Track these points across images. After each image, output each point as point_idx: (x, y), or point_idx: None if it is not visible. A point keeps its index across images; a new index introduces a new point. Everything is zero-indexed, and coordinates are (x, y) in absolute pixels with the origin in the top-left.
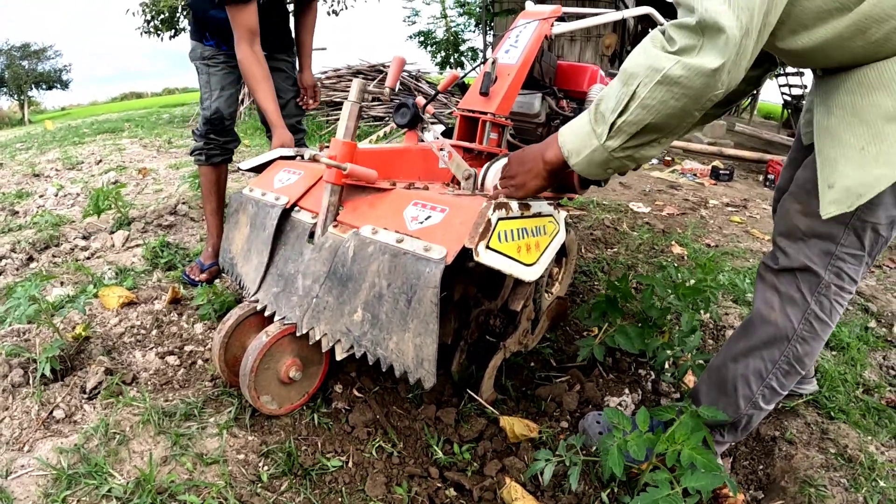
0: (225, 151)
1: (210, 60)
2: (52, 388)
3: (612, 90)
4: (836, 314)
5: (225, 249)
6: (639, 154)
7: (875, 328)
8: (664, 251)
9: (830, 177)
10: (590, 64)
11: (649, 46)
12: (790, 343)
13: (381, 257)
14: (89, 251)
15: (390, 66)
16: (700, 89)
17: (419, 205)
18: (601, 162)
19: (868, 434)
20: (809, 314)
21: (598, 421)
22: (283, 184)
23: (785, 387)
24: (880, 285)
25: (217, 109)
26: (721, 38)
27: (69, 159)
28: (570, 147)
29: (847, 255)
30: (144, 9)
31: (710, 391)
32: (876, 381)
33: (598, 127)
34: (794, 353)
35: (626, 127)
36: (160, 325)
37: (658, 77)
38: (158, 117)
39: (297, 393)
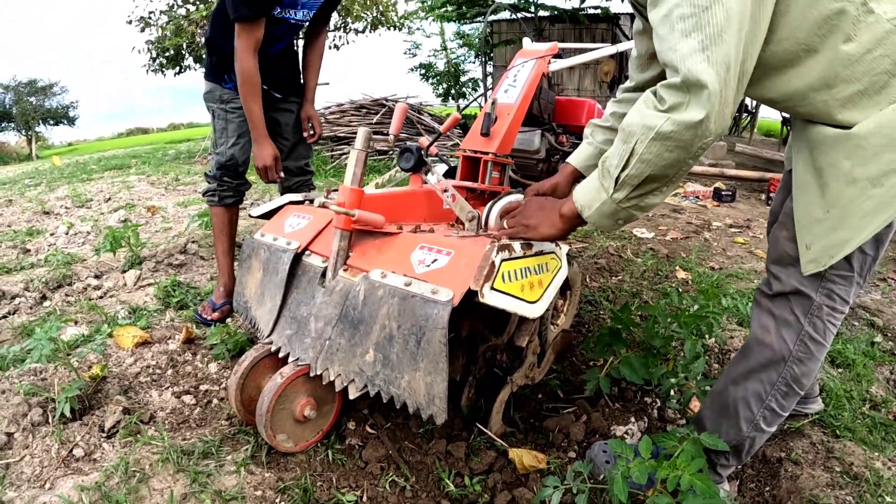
0: (237, 193)
1: (229, 105)
2: (72, 427)
3: (615, 148)
4: (829, 334)
5: (239, 293)
6: (644, 203)
7: (881, 342)
8: (668, 277)
9: (806, 238)
10: (587, 98)
11: (643, 107)
12: (787, 364)
13: (391, 300)
14: (102, 290)
15: (394, 115)
16: (690, 140)
17: (425, 248)
18: (611, 213)
19: (875, 450)
20: (804, 335)
21: (604, 450)
22: (293, 228)
23: (785, 408)
24: (885, 298)
25: (232, 156)
26: (704, 93)
27: (78, 197)
28: (582, 202)
29: (837, 276)
30: (150, 47)
31: (713, 415)
32: (883, 395)
33: (606, 182)
34: (791, 373)
35: (629, 180)
36: (175, 364)
37: (652, 134)
38: (165, 153)
39: (312, 431)
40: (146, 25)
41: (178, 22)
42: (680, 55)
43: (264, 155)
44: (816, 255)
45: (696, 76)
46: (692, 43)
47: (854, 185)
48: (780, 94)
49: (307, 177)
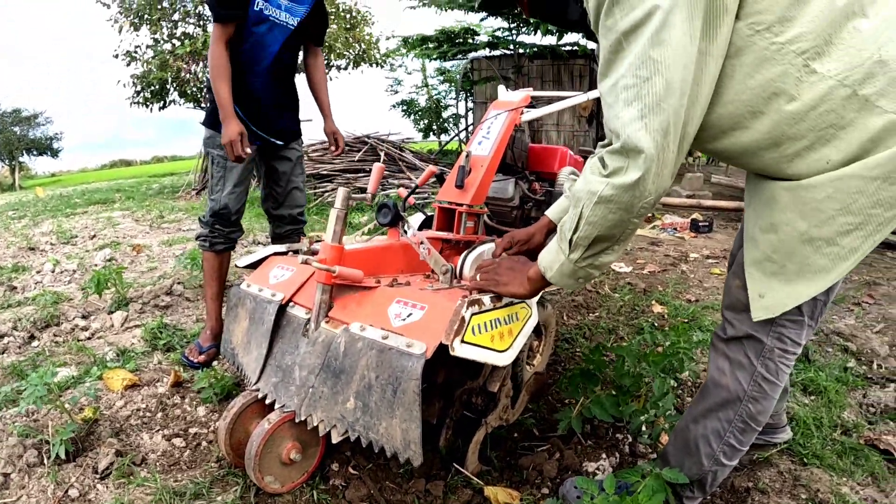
0: (228, 241)
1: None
2: (66, 469)
3: (569, 214)
4: (782, 374)
5: (226, 340)
6: (598, 262)
7: (854, 367)
8: (645, 311)
9: (759, 288)
10: (559, 146)
11: (588, 173)
12: (742, 404)
13: (370, 352)
14: (90, 331)
15: (372, 174)
16: (629, 202)
17: (402, 302)
18: (570, 272)
19: (843, 475)
20: (757, 376)
21: (575, 486)
22: (277, 280)
23: (743, 443)
24: (859, 323)
25: (226, 206)
26: (641, 157)
27: (63, 233)
28: (545, 264)
29: (787, 321)
30: (135, 81)
31: (677, 451)
32: (854, 420)
33: (563, 244)
34: (746, 412)
35: (580, 241)
36: (164, 407)
37: (595, 198)
38: (149, 187)
39: (298, 472)
40: (132, 59)
41: (163, 57)
42: (621, 122)
43: (229, 132)
44: (769, 304)
45: (634, 142)
46: (632, 111)
47: (810, 244)
48: (730, 153)
49: (299, 226)
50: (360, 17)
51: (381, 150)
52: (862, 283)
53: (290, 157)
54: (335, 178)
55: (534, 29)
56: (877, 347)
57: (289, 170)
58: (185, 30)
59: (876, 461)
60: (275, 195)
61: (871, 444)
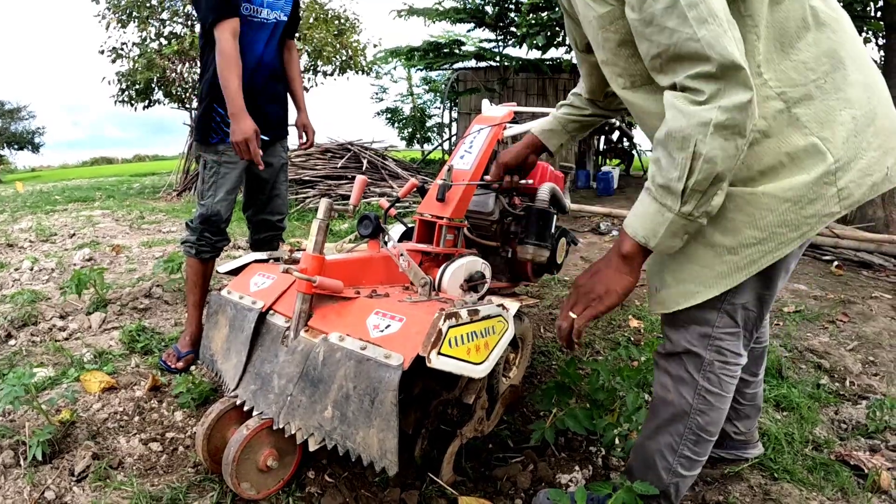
0: (214, 250)
1: (222, 157)
2: (43, 470)
3: (665, 163)
4: (726, 385)
5: (205, 346)
6: (710, 206)
7: (827, 384)
8: (622, 326)
9: (656, 281)
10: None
11: (681, 107)
12: (690, 417)
13: (348, 363)
14: (67, 331)
15: (354, 186)
16: (743, 123)
17: (380, 314)
18: (680, 229)
19: (814, 490)
20: (700, 389)
21: (548, 498)
22: (258, 287)
23: (699, 454)
24: (833, 340)
25: (217, 212)
26: (741, 74)
27: (42, 231)
28: (644, 233)
29: (724, 334)
30: (120, 78)
31: (639, 466)
32: (826, 436)
33: (667, 199)
34: (696, 424)
35: (697, 186)
36: (141, 411)
37: (710, 129)
38: (129, 187)
39: (274, 479)
40: (118, 57)
41: (150, 56)
42: (705, 42)
43: (244, 128)
44: (663, 299)
45: (731, 58)
46: (714, 28)
47: (712, 249)
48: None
49: (278, 232)
50: (348, 24)
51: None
52: (836, 301)
53: (274, 164)
54: (317, 184)
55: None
56: (850, 365)
57: (272, 176)
58: (173, 29)
59: (846, 476)
60: (257, 201)
61: (842, 460)
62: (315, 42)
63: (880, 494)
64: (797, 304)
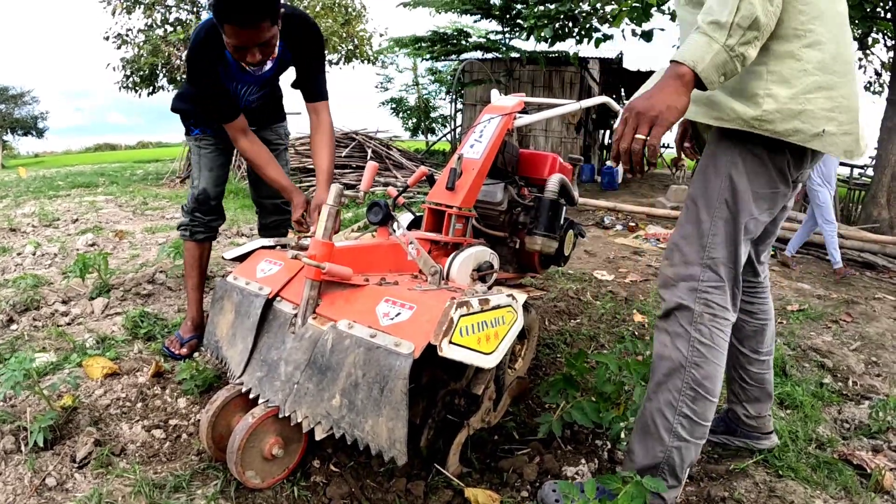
0: (209, 230)
1: (201, 143)
2: (44, 457)
3: (716, 5)
4: (717, 338)
5: (210, 332)
6: (747, 52)
7: (830, 383)
8: (626, 320)
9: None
10: (549, 153)
11: None
12: (686, 370)
13: (357, 350)
14: (69, 316)
15: (365, 171)
16: None
17: (390, 301)
18: (722, 62)
19: (818, 488)
20: (693, 341)
21: (553, 490)
22: (265, 274)
23: (698, 413)
24: (836, 340)
25: (203, 189)
26: None
27: (46, 215)
28: (693, 58)
29: (710, 287)
30: (125, 65)
31: (639, 437)
32: (829, 435)
33: (716, 33)
34: (692, 377)
35: (741, 21)
36: (144, 398)
37: None
38: (133, 173)
39: (279, 468)
40: (123, 43)
41: (155, 42)
42: None
43: (294, 206)
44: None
45: None
46: None
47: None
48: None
49: (285, 216)
50: (354, 12)
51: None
52: (840, 301)
53: (270, 139)
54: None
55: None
56: (853, 365)
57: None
58: (179, 16)
59: (849, 476)
60: (260, 184)
61: (845, 459)
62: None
63: (883, 495)
64: (801, 303)
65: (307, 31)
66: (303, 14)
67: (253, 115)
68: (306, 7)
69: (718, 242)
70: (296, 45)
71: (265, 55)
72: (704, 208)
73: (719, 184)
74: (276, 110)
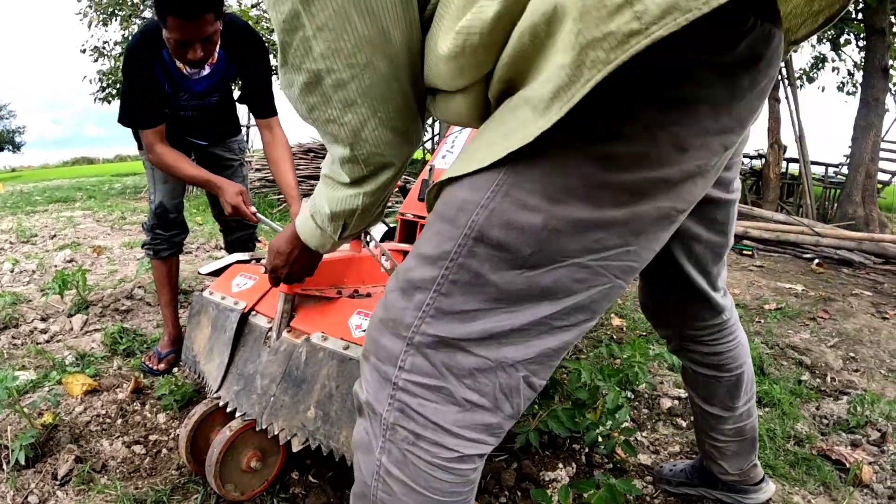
0: (172, 245)
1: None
2: (25, 475)
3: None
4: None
5: (188, 347)
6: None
7: (808, 380)
8: (604, 324)
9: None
10: None
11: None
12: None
13: (331, 362)
14: (48, 334)
15: None
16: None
17: (363, 314)
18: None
19: (796, 485)
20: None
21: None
22: (240, 288)
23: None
24: (814, 337)
25: (160, 203)
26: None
27: (23, 232)
28: (304, 236)
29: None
30: (102, 77)
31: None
32: (807, 431)
33: (324, 223)
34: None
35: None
36: (124, 414)
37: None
38: (111, 187)
39: (258, 480)
40: (100, 55)
41: None
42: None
43: (226, 196)
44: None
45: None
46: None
47: None
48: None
49: (250, 230)
50: None
51: None
52: (817, 298)
53: (226, 163)
54: (300, 185)
55: None
56: (830, 361)
57: (223, 176)
58: None
59: (828, 471)
60: (216, 201)
61: (824, 455)
62: None
63: (861, 488)
64: (778, 302)
65: (250, 40)
66: (246, 24)
67: (198, 128)
68: None
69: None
70: (239, 56)
71: (207, 52)
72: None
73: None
74: (226, 124)
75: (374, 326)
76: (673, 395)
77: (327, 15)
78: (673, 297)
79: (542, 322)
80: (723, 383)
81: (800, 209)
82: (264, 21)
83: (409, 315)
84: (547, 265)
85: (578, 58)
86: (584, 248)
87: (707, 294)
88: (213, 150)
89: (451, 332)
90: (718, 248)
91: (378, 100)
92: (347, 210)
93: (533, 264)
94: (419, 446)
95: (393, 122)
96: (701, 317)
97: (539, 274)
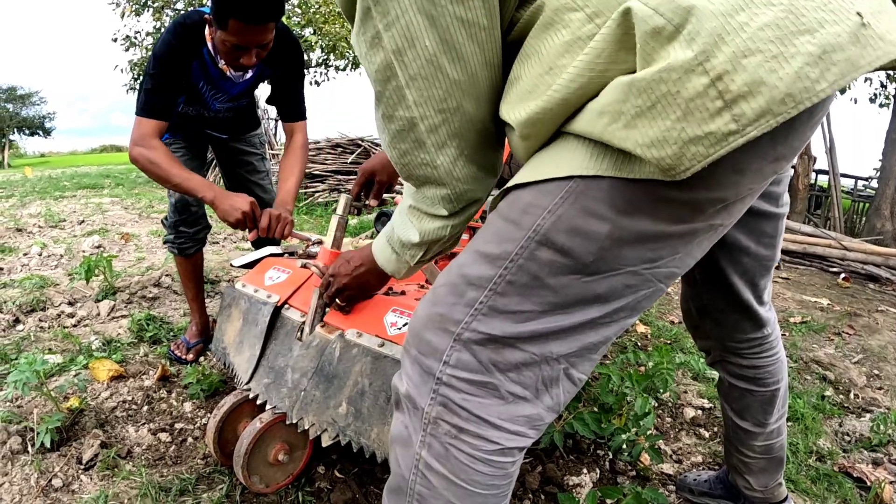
0: (196, 242)
1: (172, 148)
2: (50, 458)
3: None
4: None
5: (218, 339)
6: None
7: (832, 396)
8: (629, 331)
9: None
10: None
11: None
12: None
13: (364, 359)
14: (75, 318)
15: None
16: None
17: (397, 311)
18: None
19: (817, 501)
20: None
21: None
22: (273, 281)
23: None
24: (838, 352)
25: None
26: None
27: (52, 216)
28: (381, 262)
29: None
30: (133, 67)
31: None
32: (829, 447)
33: (403, 251)
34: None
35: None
36: (150, 401)
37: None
38: (138, 175)
39: (284, 473)
40: (131, 45)
41: None
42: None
43: (233, 208)
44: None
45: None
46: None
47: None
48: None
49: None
50: None
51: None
52: (843, 313)
53: (247, 158)
54: (326, 179)
55: None
56: (854, 377)
57: (244, 171)
58: None
59: (849, 488)
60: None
61: (845, 472)
62: (330, 37)
63: None
64: (804, 315)
65: (288, 44)
66: (284, 26)
67: (221, 125)
68: (316, 12)
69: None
70: (275, 60)
71: (259, 59)
72: None
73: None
74: (247, 120)
75: (419, 319)
76: (696, 405)
77: (420, 64)
78: (717, 307)
79: (588, 322)
80: (757, 397)
81: (827, 222)
82: (294, 16)
83: (459, 311)
84: (605, 272)
85: (680, 150)
86: (640, 258)
87: (752, 306)
88: (233, 143)
89: (503, 330)
90: (766, 260)
91: (465, 139)
92: (435, 239)
93: (592, 271)
94: (462, 440)
95: (479, 158)
96: (743, 329)
97: (595, 280)
